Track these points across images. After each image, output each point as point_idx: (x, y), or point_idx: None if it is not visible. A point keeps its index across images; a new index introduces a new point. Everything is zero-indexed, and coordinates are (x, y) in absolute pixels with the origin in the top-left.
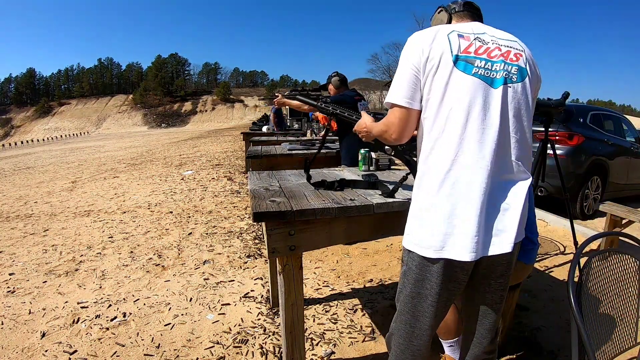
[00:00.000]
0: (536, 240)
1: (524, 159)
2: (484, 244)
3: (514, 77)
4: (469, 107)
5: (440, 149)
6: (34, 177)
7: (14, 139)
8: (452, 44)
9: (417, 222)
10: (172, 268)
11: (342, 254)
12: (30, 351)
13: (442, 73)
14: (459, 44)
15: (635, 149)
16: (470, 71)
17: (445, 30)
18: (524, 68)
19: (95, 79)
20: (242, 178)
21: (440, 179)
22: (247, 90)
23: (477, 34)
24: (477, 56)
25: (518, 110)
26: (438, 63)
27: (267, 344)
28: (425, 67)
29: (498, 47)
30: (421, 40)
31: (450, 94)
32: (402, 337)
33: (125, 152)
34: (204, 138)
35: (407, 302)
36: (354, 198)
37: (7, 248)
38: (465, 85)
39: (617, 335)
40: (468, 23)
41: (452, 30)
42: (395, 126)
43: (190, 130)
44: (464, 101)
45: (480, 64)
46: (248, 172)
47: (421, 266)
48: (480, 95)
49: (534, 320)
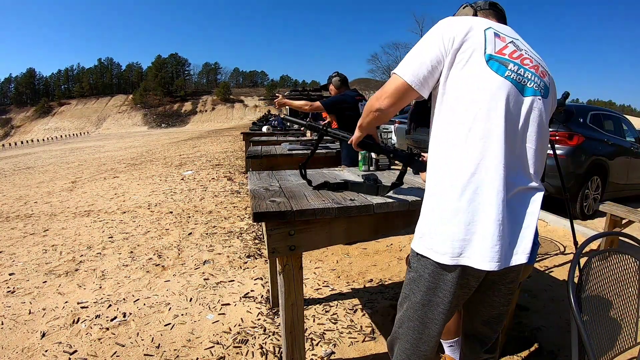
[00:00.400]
0: (536, 240)
1: (539, 173)
2: (505, 254)
3: (542, 91)
4: (498, 110)
5: (466, 150)
6: (34, 177)
7: (14, 139)
8: (487, 41)
9: (433, 226)
10: (172, 268)
11: (342, 254)
12: (30, 351)
13: (471, 69)
14: (495, 43)
15: (635, 149)
16: (503, 73)
17: (481, 25)
18: (549, 87)
19: (95, 79)
20: (242, 178)
21: (464, 182)
22: (247, 90)
23: (512, 38)
24: (510, 59)
25: (541, 125)
26: (469, 57)
27: (267, 344)
28: (454, 58)
29: (530, 58)
30: (455, 27)
31: (479, 93)
32: (409, 343)
33: (125, 152)
34: (204, 138)
35: (417, 309)
36: (354, 198)
37: (7, 248)
38: (496, 86)
39: (617, 335)
40: (502, 25)
41: (489, 27)
42: (391, 94)
43: (190, 131)
44: (494, 102)
45: (513, 68)
46: (248, 172)
47: (435, 274)
48: (510, 99)
49: (534, 320)
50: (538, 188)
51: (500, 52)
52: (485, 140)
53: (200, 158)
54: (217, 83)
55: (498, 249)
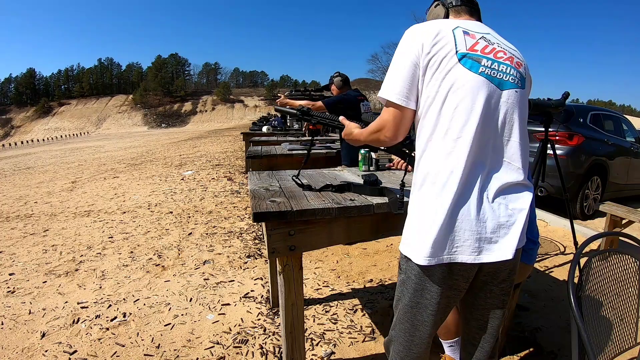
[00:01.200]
0: (537, 240)
1: (525, 167)
2: (486, 250)
3: (519, 82)
4: (475, 107)
5: (444, 150)
6: (34, 177)
7: (14, 139)
8: (457, 40)
9: (414, 227)
10: (172, 268)
11: (342, 254)
12: (30, 351)
13: (445, 70)
14: (465, 40)
15: (635, 149)
16: (477, 69)
17: (450, 25)
18: (525, 78)
19: (95, 79)
20: (242, 178)
21: (443, 182)
22: (247, 90)
23: (482, 33)
24: (483, 55)
25: (522, 117)
26: (441, 60)
27: (267, 344)
28: (427, 64)
29: (503, 50)
30: (422, 34)
31: (455, 93)
32: (402, 345)
33: (125, 152)
34: (204, 138)
35: (407, 311)
36: (354, 198)
37: (7, 248)
38: (471, 84)
39: (617, 335)
40: (470, 20)
41: (457, 26)
42: (390, 124)
43: (190, 131)
44: (470, 100)
45: (486, 63)
46: (248, 172)
47: (420, 275)
48: (487, 96)
49: (534, 320)
50: (525, 184)
51: (472, 49)
52: (462, 139)
53: (200, 158)
54: (217, 83)
55: (477, 246)
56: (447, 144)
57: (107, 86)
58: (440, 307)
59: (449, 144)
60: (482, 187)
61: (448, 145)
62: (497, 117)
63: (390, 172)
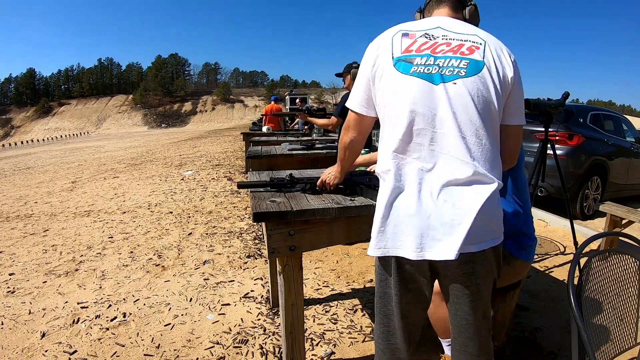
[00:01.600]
0: (533, 236)
1: (483, 160)
2: (429, 247)
3: (462, 71)
4: (404, 108)
5: (384, 151)
6: (34, 177)
7: (14, 139)
8: (394, 45)
9: (374, 223)
10: (172, 268)
11: (342, 254)
12: (30, 351)
13: (385, 78)
14: (401, 43)
15: (635, 149)
16: (408, 70)
17: (391, 33)
18: (479, 61)
19: (95, 79)
20: (242, 178)
21: (385, 179)
22: (247, 90)
23: (426, 30)
24: (417, 53)
25: (470, 107)
26: (382, 69)
27: (267, 344)
28: (374, 75)
29: (447, 42)
30: (372, 47)
31: (393, 97)
32: (380, 337)
33: (125, 152)
34: (204, 138)
35: (377, 302)
36: (354, 198)
37: (7, 248)
38: (404, 86)
39: (617, 335)
40: (429, 18)
41: (397, 31)
42: (350, 127)
43: (190, 131)
44: (400, 102)
45: (420, 62)
46: (248, 172)
47: (380, 266)
48: (418, 94)
49: (534, 320)
50: (481, 179)
51: (406, 50)
52: (393, 140)
53: (200, 158)
54: (217, 83)
55: (420, 242)
56: (385, 145)
57: (107, 86)
58: (403, 298)
59: (387, 145)
60: (422, 184)
61: (385, 146)
62: (434, 113)
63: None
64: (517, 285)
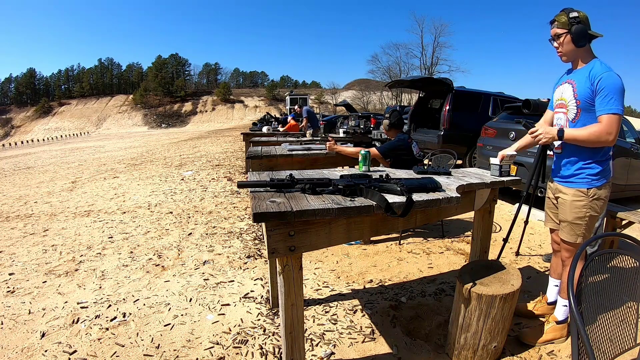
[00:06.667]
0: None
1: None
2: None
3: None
4: None
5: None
6: (34, 177)
7: (14, 139)
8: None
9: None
10: (172, 268)
11: (342, 254)
12: (30, 351)
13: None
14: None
15: (635, 150)
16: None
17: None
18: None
19: (96, 79)
20: (242, 178)
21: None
22: (247, 90)
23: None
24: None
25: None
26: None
27: (266, 344)
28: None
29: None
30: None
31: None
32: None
33: (125, 152)
34: (204, 138)
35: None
36: (354, 198)
37: (7, 248)
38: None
39: (617, 335)
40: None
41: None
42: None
43: (191, 131)
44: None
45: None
46: (248, 173)
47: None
48: None
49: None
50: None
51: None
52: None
53: (201, 158)
54: (218, 83)
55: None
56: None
57: (107, 86)
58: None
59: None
60: None
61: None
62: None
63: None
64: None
